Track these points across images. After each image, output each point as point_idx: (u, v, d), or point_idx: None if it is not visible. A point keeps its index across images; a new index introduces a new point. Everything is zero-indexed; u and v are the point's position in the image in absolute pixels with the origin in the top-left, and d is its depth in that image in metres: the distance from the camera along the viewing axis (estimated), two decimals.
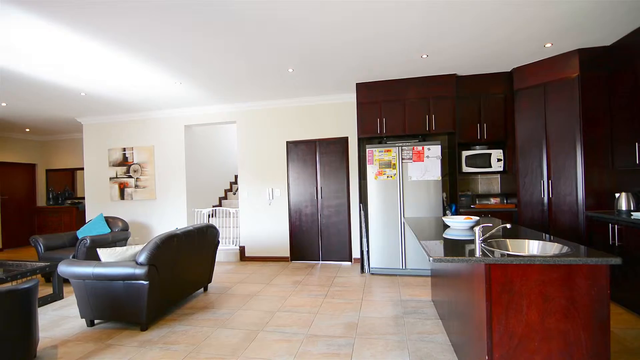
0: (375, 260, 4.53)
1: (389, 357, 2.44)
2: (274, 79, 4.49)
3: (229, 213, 6.35)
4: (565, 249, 1.84)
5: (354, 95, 5.07)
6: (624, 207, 3.41)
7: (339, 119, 5.39)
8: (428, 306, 3.38)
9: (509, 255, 1.76)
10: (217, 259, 5.62)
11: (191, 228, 3.60)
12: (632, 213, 3.18)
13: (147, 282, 2.90)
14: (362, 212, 4.80)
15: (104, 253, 3.14)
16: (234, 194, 7.16)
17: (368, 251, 4.64)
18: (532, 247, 2.06)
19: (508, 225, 2.00)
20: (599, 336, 1.65)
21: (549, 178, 3.93)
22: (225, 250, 5.73)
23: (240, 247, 5.73)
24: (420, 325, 2.94)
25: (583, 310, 1.66)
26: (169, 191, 6.05)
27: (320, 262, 5.44)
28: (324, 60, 3.85)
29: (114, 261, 3.06)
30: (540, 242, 2.04)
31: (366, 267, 4.67)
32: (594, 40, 3.50)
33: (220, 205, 7.03)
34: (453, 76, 4.45)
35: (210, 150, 6.92)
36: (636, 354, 2.38)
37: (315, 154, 5.48)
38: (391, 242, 4.48)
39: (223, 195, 7.33)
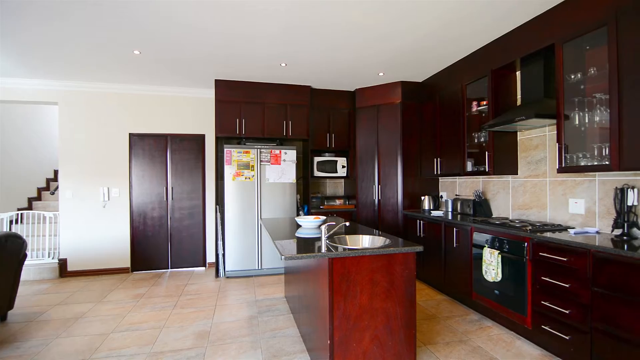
0: (231, 263, 4.45)
1: (242, 359, 2.44)
2: (114, 59, 3.84)
3: (44, 218, 5.05)
4: (388, 241, 2.27)
5: (214, 91, 4.87)
6: (426, 207, 4.45)
7: (196, 114, 5.06)
8: (281, 303, 3.55)
9: (348, 249, 2.04)
10: (24, 278, 4.37)
11: None
12: (431, 212, 4.18)
13: None
14: (218, 213, 4.64)
15: None
16: (52, 193, 5.74)
17: (224, 254, 4.51)
18: (365, 241, 2.45)
19: (347, 223, 2.32)
20: (409, 309, 2.10)
21: (379, 183, 4.75)
22: (37, 265, 4.51)
23: (60, 260, 4.62)
24: (274, 323, 3.06)
25: (398, 289, 2.08)
26: None
27: (170, 270, 4.96)
28: (180, 49, 3.55)
29: None
30: (371, 236, 2.45)
31: (221, 270, 4.53)
32: (412, 76, 4.46)
33: (30, 208, 5.50)
34: (308, 88, 4.85)
35: (15, 137, 5.35)
36: (433, 318, 3.14)
37: (166, 150, 4.97)
38: (248, 244, 4.50)
39: (35, 195, 5.77)
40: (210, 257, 5.07)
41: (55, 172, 6.22)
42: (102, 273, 4.74)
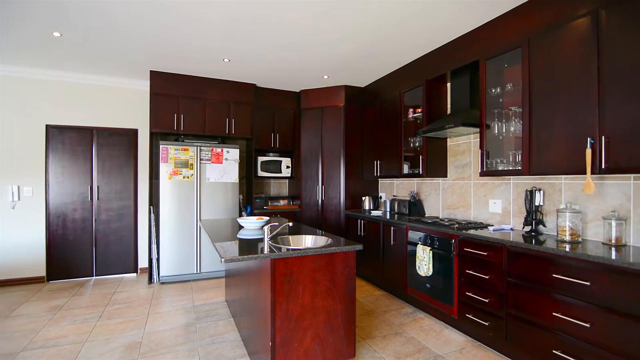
0: (167, 268, 4.18)
1: None
2: (29, 40, 3.38)
3: None
4: (330, 240, 2.32)
5: (149, 83, 4.53)
6: (367, 207, 4.64)
7: (129, 107, 4.66)
8: (222, 307, 3.43)
9: (291, 249, 2.04)
10: None
11: None
12: (371, 211, 4.37)
13: None
14: (152, 215, 4.32)
15: None
16: None
17: (158, 258, 4.22)
18: (308, 241, 2.48)
19: (290, 224, 2.32)
20: (349, 305, 2.17)
21: (322, 184, 4.84)
22: None
23: None
24: (213, 328, 2.94)
25: (339, 287, 2.13)
26: None
27: (95, 277, 4.50)
28: (110, 33, 3.24)
29: None
30: (314, 236, 2.49)
31: (155, 276, 4.23)
32: (355, 81, 4.61)
33: None
34: (252, 86, 4.75)
35: None
36: (371, 313, 3.28)
37: (91, 144, 4.50)
38: (185, 247, 4.26)
39: None
40: (143, 262, 4.70)
41: None
42: (10, 284, 4.13)
